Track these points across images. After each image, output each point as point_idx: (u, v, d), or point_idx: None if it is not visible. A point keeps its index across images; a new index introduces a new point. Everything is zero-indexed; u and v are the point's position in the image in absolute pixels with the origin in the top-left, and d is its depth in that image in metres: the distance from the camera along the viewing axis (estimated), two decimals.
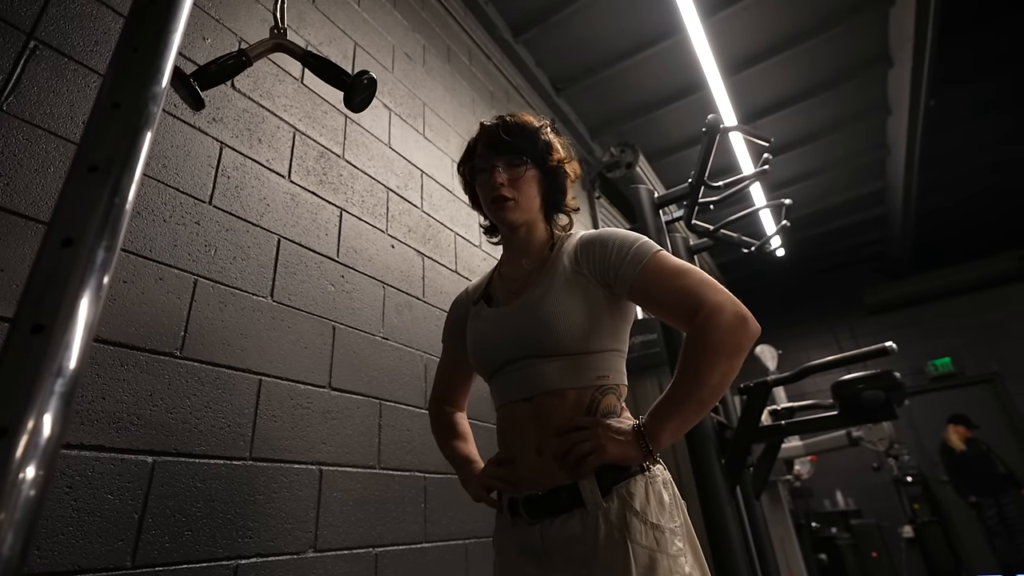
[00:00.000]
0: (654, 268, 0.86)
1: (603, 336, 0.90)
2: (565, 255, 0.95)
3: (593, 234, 0.96)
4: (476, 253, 2.22)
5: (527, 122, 1.00)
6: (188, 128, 1.24)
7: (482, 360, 0.97)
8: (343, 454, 1.35)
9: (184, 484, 1.01)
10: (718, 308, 0.79)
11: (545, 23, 3.12)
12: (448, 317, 1.15)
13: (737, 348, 0.79)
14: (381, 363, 1.56)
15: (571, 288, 0.90)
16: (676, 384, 0.81)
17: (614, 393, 0.89)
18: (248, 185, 1.34)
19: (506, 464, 0.92)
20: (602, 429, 0.81)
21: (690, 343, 0.81)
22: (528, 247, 1.01)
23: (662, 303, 0.85)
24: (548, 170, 1.00)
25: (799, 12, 3.28)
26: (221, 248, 1.23)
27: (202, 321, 1.13)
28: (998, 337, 6.27)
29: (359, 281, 1.58)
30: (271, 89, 1.51)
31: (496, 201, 0.96)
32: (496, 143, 0.97)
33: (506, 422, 0.94)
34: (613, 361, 0.91)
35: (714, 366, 0.78)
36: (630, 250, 0.88)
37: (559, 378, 0.87)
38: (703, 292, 0.81)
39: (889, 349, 1.49)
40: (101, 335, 0.96)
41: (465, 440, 1.12)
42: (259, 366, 1.22)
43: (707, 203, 2.19)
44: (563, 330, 0.86)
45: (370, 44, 1.99)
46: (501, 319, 0.95)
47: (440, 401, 1.18)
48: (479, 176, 1.00)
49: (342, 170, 1.66)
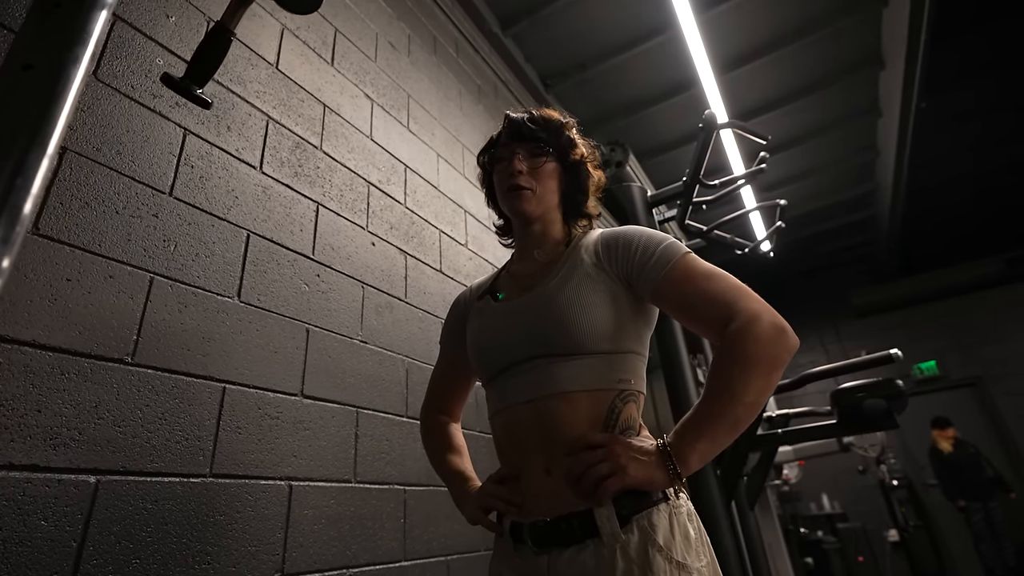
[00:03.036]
0: (682, 271, 0.78)
1: (626, 337, 0.82)
2: (583, 249, 0.89)
3: (615, 231, 0.89)
4: (462, 252, 2.13)
5: (552, 116, 0.97)
6: (147, 112, 1.13)
7: (484, 359, 0.88)
8: (316, 467, 1.25)
9: (132, 506, 0.91)
10: (754, 317, 0.71)
11: (535, 16, 3.04)
12: (447, 318, 1.08)
13: (776, 362, 0.71)
14: (359, 368, 1.46)
15: (591, 282, 0.82)
16: (707, 400, 0.72)
17: (635, 402, 0.81)
18: (214, 176, 1.24)
19: (509, 482, 0.82)
20: (621, 448, 0.71)
21: (723, 355, 0.72)
22: (542, 243, 0.94)
23: (690, 309, 0.78)
24: (570, 165, 0.95)
25: (792, 11, 3.24)
26: (182, 243, 1.12)
27: (158, 324, 1.03)
28: (982, 341, 6.33)
29: (336, 280, 1.48)
30: (242, 74, 1.40)
31: (512, 189, 0.91)
32: (519, 133, 0.94)
33: (505, 432, 0.85)
34: (636, 365, 0.83)
35: (750, 381, 0.69)
36: (656, 250, 0.81)
37: (573, 380, 0.78)
38: (737, 299, 0.74)
39: (894, 357, 1.42)
40: (38, 340, 0.86)
41: (460, 454, 1.03)
42: (223, 373, 1.12)
43: (701, 203, 2.12)
44: (582, 324, 0.78)
45: (351, 31, 1.88)
46: (509, 313, 0.88)
47: (433, 409, 1.09)
48: (498, 165, 0.96)
49: (319, 162, 1.56)
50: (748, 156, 4.17)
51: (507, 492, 0.80)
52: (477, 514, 0.86)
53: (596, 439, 0.74)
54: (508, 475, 0.82)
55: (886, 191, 5.13)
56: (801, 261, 6.74)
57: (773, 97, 3.93)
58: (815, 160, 4.78)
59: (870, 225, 6.06)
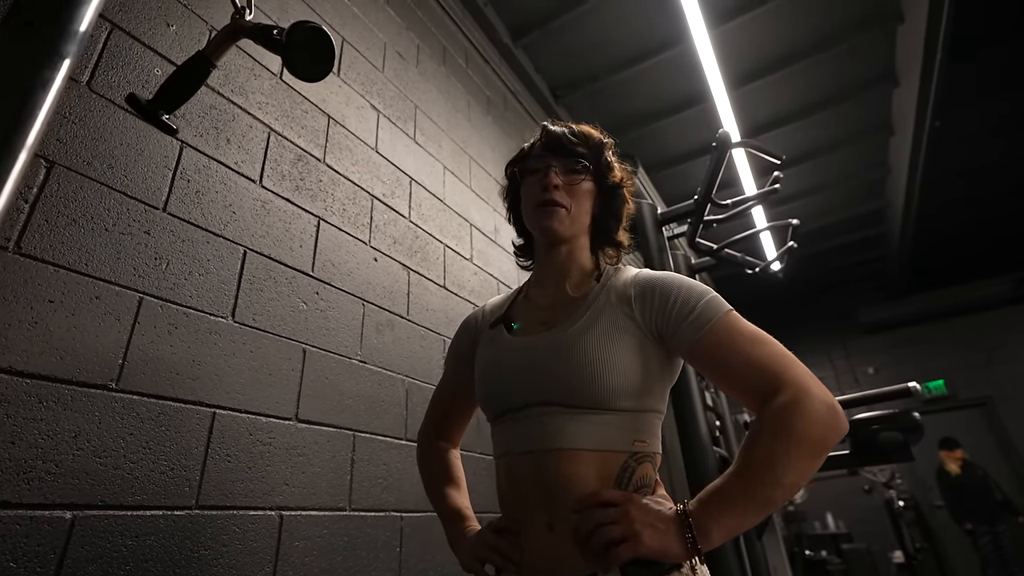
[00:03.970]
0: (725, 331, 0.71)
1: (649, 394, 0.76)
2: (614, 292, 0.82)
3: (652, 277, 0.82)
4: (466, 267, 2.08)
5: (593, 134, 0.92)
6: (142, 125, 1.09)
7: (490, 397, 0.83)
8: (308, 496, 1.20)
9: (111, 543, 0.86)
10: (804, 392, 0.65)
11: (546, 27, 3.00)
12: (455, 338, 1.02)
13: (825, 444, 0.64)
14: (357, 390, 1.41)
15: (619, 332, 0.76)
16: (741, 474, 0.64)
17: (651, 462, 0.75)
18: (211, 190, 1.19)
19: (508, 536, 0.76)
20: (636, 510, 0.65)
21: (765, 429, 0.65)
22: (567, 271, 0.88)
23: (730, 374, 0.71)
24: (607, 188, 0.90)
25: (807, 26, 3.19)
26: (175, 261, 1.08)
27: (146, 347, 0.98)
28: (992, 361, 6.23)
29: (336, 298, 1.44)
30: (244, 84, 1.36)
31: (546, 205, 0.85)
32: (557, 146, 0.89)
33: (507, 480, 0.79)
34: (653, 424, 0.77)
35: (794, 462, 0.63)
36: (696, 305, 0.74)
37: (583, 437, 0.72)
38: (784, 368, 0.67)
39: (912, 390, 1.36)
40: (15, 366, 0.81)
41: (458, 487, 0.97)
42: (213, 397, 1.07)
43: (712, 222, 2.07)
44: (604, 379, 0.72)
45: (359, 40, 1.85)
46: (523, 351, 0.81)
47: (432, 434, 1.03)
48: (529, 178, 0.90)
49: (322, 175, 1.52)
50: (759, 172, 4.11)
51: (506, 546, 0.75)
52: (472, 563, 0.80)
53: (610, 496, 0.68)
54: (507, 527, 0.77)
55: (897, 208, 5.07)
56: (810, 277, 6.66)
57: (785, 113, 3.88)
58: (826, 176, 4.72)
59: (880, 242, 5.99)
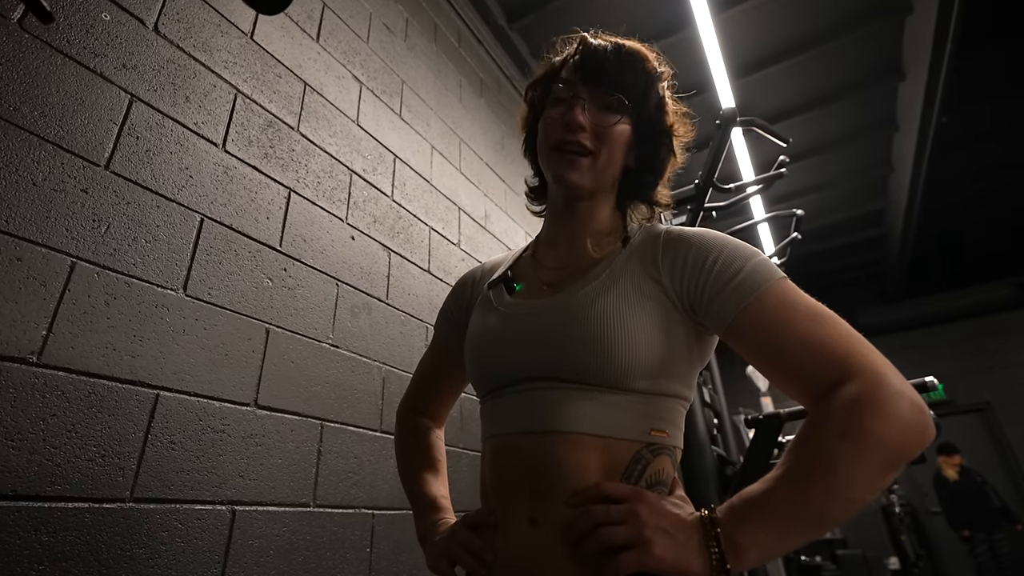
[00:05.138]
0: (778, 301, 0.56)
1: (673, 376, 0.62)
2: (637, 253, 0.67)
3: (685, 232, 0.65)
4: (453, 252, 1.97)
5: (646, 57, 0.71)
6: (85, 72, 0.98)
7: (482, 370, 0.70)
8: (267, 490, 1.09)
9: (21, 539, 0.74)
10: (881, 382, 0.50)
11: (543, 10, 2.89)
12: (448, 299, 0.88)
13: (905, 454, 0.49)
14: (327, 375, 1.30)
15: (640, 297, 0.62)
16: (790, 480, 0.50)
17: (670, 456, 0.62)
18: (164, 150, 1.08)
19: (484, 532, 0.63)
20: (648, 511, 0.52)
21: (828, 427, 0.50)
22: (585, 230, 0.72)
23: (783, 356, 0.55)
24: (649, 134, 0.71)
25: (812, 16, 3.09)
26: (117, 225, 0.96)
27: (77, 317, 0.87)
28: (991, 366, 6.15)
29: (306, 276, 1.33)
30: (209, 40, 1.25)
31: (563, 148, 0.68)
32: (593, 71, 0.69)
33: (492, 465, 0.66)
34: (675, 412, 0.64)
35: (862, 472, 0.48)
36: (743, 268, 0.58)
37: (589, 420, 0.59)
38: (857, 353, 0.52)
39: (930, 384, 1.26)
40: None
41: (436, 472, 0.84)
42: (157, 377, 0.96)
43: (712, 209, 1.97)
44: (618, 352, 0.58)
45: (342, 8, 1.74)
46: (524, 316, 0.67)
47: (414, 408, 0.89)
48: (551, 109, 0.71)
49: (295, 144, 1.41)
50: (760, 166, 4.02)
51: (480, 545, 0.62)
52: (440, 562, 0.68)
53: (615, 490, 0.55)
54: (484, 521, 0.64)
55: (899, 209, 4.97)
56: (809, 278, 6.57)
57: (787, 106, 3.78)
58: (826, 174, 4.63)
59: (880, 243, 5.90)
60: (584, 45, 0.72)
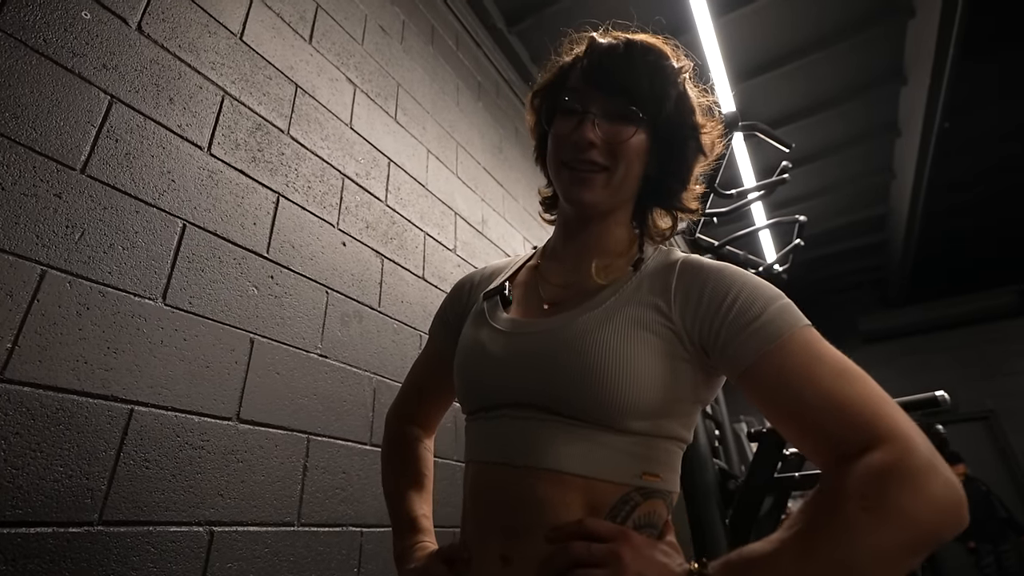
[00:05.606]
0: (801, 352, 0.51)
1: (673, 417, 0.57)
2: (648, 280, 0.62)
3: (703, 265, 0.60)
4: (449, 258, 1.93)
5: (662, 55, 0.65)
6: (62, 72, 0.94)
7: (469, 387, 0.66)
8: (248, 509, 1.04)
9: None
10: (911, 453, 0.44)
11: (542, 13, 2.86)
12: (444, 303, 0.84)
13: (934, 537, 0.43)
14: (315, 387, 1.26)
15: (644, 331, 0.57)
16: (799, 545, 0.44)
17: (663, 500, 0.57)
18: (145, 153, 1.04)
19: (458, 566, 0.59)
20: (632, 554, 0.48)
21: (849, 494, 0.44)
22: (595, 249, 0.67)
23: (802, 412, 0.49)
24: (672, 137, 0.65)
25: (814, 19, 3.06)
26: (92, 231, 0.92)
27: (46, 329, 0.83)
28: (994, 373, 6.10)
29: (294, 284, 1.28)
30: (196, 40, 1.21)
31: (574, 166, 0.63)
32: (603, 78, 0.63)
33: (471, 494, 0.62)
34: (671, 455, 0.59)
35: (884, 551, 0.42)
36: (764, 311, 0.53)
37: (576, 460, 0.54)
38: (885, 416, 0.46)
39: (940, 400, 1.22)
40: None
41: (420, 489, 0.79)
42: (131, 392, 0.91)
43: (714, 215, 1.93)
44: (615, 390, 0.54)
45: (336, 9, 1.70)
46: (518, 336, 0.63)
47: (404, 416, 0.84)
48: (559, 119, 0.66)
49: (284, 148, 1.36)
50: (762, 172, 3.98)
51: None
52: None
53: (598, 528, 0.50)
54: (458, 557, 0.60)
55: (901, 214, 4.94)
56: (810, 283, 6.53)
57: (788, 111, 3.75)
58: (828, 179, 4.59)
59: (882, 249, 5.86)
60: (592, 48, 0.66)
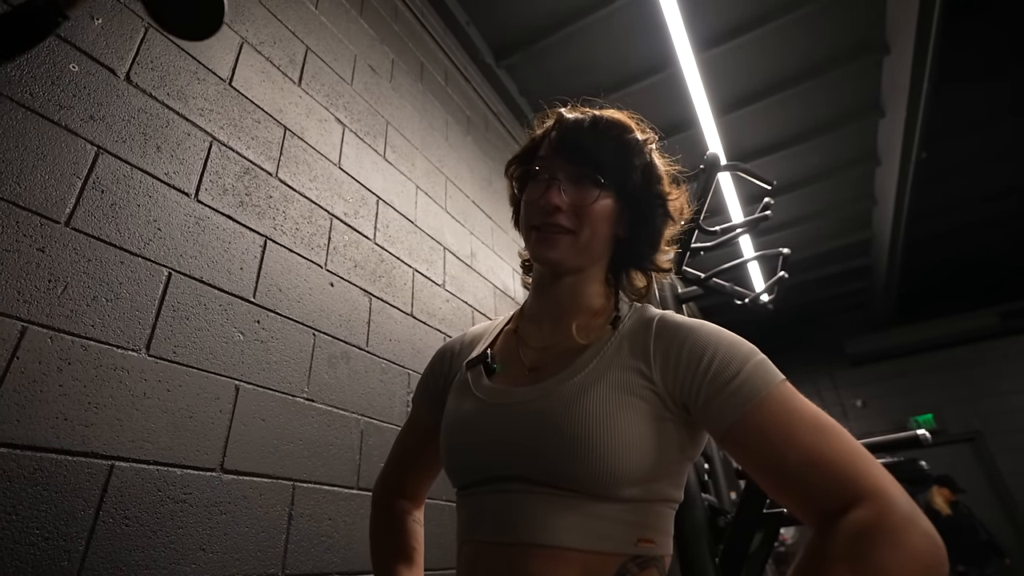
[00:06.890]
0: (779, 410, 0.52)
1: (663, 478, 0.58)
2: (627, 340, 0.63)
3: (679, 325, 0.62)
4: (438, 293, 1.94)
5: (625, 130, 0.69)
6: (49, 125, 0.95)
7: (456, 462, 0.66)
8: (230, 562, 1.02)
9: None
10: (891, 510, 0.45)
11: (529, 50, 2.92)
12: (426, 372, 0.83)
13: None
14: (300, 432, 1.24)
15: (629, 396, 0.58)
16: None
17: (657, 568, 0.57)
18: (131, 203, 1.04)
19: None
20: None
21: (836, 555, 0.45)
22: (570, 309, 0.69)
23: (783, 470, 0.51)
24: (639, 204, 0.68)
25: (793, 55, 3.16)
26: (75, 284, 0.92)
27: (26, 387, 0.82)
28: (981, 394, 6.16)
29: (280, 328, 1.28)
30: (185, 88, 1.23)
31: (542, 230, 0.66)
32: (570, 147, 0.68)
33: (467, 574, 0.61)
34: (664, 518, 0.60)
35: None
36: (741, 371, 0.55)
37: (570, 533, 0.54)
38: (865, 474, 0.48)
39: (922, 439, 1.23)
40: None
41: (409, 563, 0.76)
42: (112, 447, 0.90)
43: (699, 249, 1.96)
44: (605, 460, 0.54)
45: (326, 51, 1.73)
46: (502, 406, 0.63)
47: (391, 487, 0.83)
48: (531, 186, 0.70)
49: (272, 191, 1.37)
50: (746, 200, 4.05)
51: None
52: None
53: None
54: None
55: (883, 240, 5.03)
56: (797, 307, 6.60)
57: (771, 141, 3.84)
58: (811, 207, 4.68)
59: (866, 273, 5.95)
60: (560, 122, 0.71)
